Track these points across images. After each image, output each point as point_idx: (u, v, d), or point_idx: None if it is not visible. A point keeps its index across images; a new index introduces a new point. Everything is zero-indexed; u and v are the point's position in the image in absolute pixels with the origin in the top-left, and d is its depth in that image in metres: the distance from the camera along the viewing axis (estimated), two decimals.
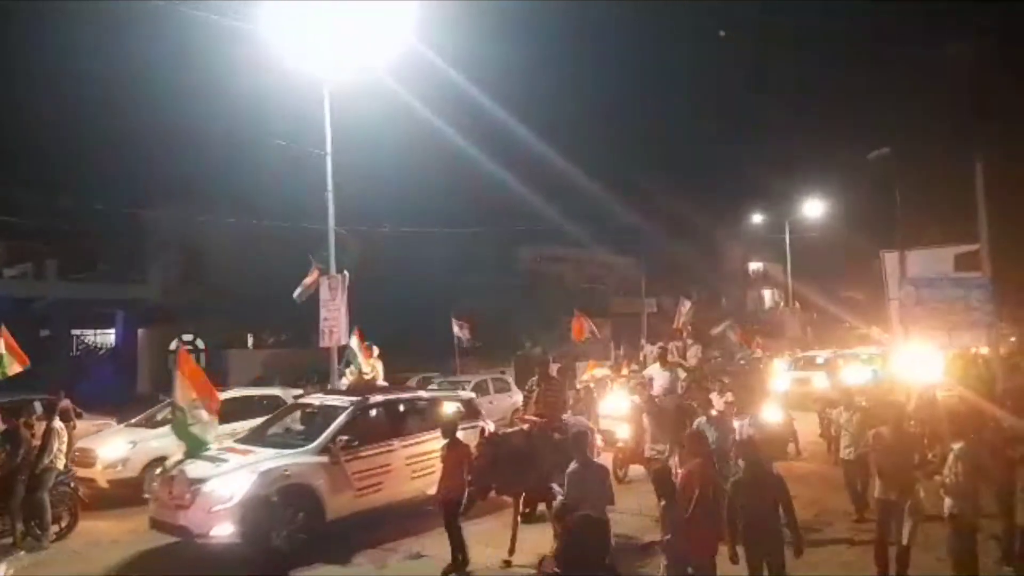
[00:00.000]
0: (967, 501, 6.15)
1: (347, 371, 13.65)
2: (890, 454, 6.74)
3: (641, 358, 21.84)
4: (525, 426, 8.68)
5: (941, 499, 6.34)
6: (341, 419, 8.98)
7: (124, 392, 21.84)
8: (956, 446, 6.35)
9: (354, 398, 9.69)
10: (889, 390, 12.24)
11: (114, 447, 11.02)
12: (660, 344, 14.57)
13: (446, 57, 17.21)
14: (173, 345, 27.17)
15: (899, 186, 18.31)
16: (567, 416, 9.36)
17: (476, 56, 22.69)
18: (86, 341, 27.81)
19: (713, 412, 10.86)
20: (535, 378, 9.29)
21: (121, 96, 24.52)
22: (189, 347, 27.08)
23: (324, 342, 14.14)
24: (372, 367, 13.48)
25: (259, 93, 18.37)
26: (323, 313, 14.00)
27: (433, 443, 9.05)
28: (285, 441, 9.25)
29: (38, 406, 11.63)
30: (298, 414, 10.50)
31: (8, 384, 12.49)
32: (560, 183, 28.78)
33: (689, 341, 19.02)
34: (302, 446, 8.75)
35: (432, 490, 8.52)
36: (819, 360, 23.12)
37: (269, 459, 8.39)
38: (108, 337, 27.66)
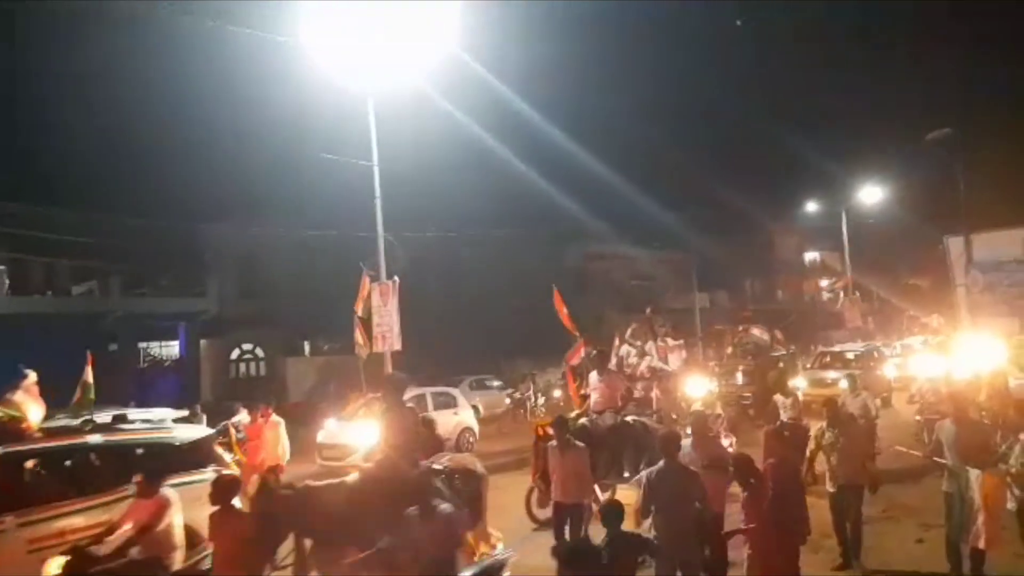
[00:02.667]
0: None
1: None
2: (955, 447, 6.48)
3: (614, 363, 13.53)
4: (355, 474, 6.37)
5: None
6: None
7: (189, 401, 22.58)
8: None
9: None
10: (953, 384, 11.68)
11: None
12: (599, 347, 11.20)
13: (490, 61, 17.34)
14: (234, 355, 28.28)
15: (962, 168, 17.54)
16: (442, 455, 7.25)
17: (520, 59, 22.77)
18: (152, 354, 28.85)
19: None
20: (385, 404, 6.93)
21: (176, 115, 25.46)
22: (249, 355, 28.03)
23: (377, 347, 14.45)
24: (17, 407, 8.40)
25: (307, 106, 18.82)
26: (375, 319, 14.32)
27: (99, 513, 6.81)
28: None
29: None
30: None
31: None
32: (607, 180, 28.57)
33: (670, 341, 13.89)
34: None
35: None
36: (849, 355, 18.35)
37: None
38: (172, 349, 28.63)
